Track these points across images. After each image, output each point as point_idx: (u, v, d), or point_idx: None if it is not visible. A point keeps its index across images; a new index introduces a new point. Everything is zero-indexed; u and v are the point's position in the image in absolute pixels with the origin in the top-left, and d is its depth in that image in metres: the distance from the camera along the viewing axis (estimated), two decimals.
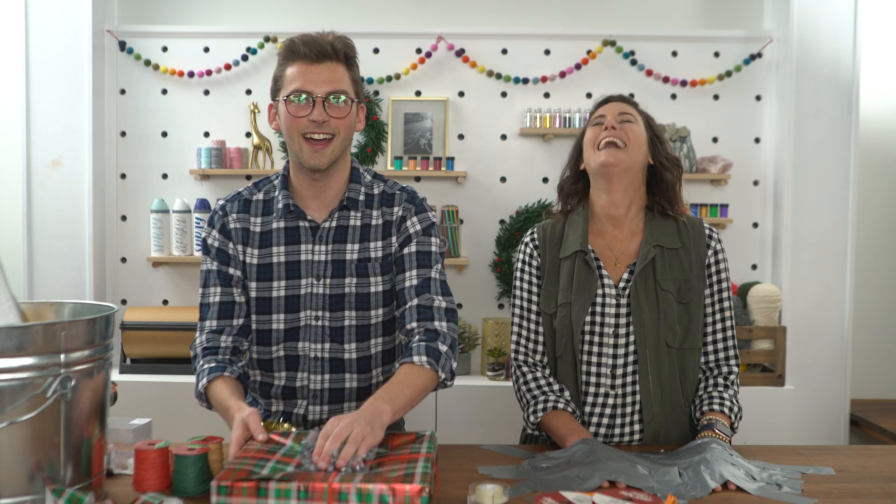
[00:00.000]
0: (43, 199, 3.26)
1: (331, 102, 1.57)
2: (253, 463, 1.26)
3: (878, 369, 3.65)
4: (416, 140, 3.37)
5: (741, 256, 3.44)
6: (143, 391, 3.05)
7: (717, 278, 1.78)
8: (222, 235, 1.68)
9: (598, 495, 1.33)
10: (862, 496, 1.39)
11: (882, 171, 3.63)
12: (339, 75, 1.58)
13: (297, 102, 1.57)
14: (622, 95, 1.85)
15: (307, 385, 1.68)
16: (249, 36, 3.37)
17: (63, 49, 3.24)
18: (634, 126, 1.76)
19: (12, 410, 1.18)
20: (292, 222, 1.66)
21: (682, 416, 1.75)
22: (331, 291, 1.64)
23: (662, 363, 1.71)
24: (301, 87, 1.56)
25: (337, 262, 1.64)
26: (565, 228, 1.82)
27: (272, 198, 1.68)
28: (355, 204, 1.66)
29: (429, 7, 3.57)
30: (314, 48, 1.56)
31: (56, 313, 1.44)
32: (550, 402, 1.71)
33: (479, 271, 3.43)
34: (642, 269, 1.72)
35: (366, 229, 1.66)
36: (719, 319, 1.78)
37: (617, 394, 1.73)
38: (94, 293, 3.28)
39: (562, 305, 1.75)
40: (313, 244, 1.65)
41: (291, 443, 1.38)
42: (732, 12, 3.58)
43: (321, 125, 1.56)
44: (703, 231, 1.79)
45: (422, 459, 1.29)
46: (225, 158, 3.32)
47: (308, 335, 1.66)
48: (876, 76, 3.58)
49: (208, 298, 1.67)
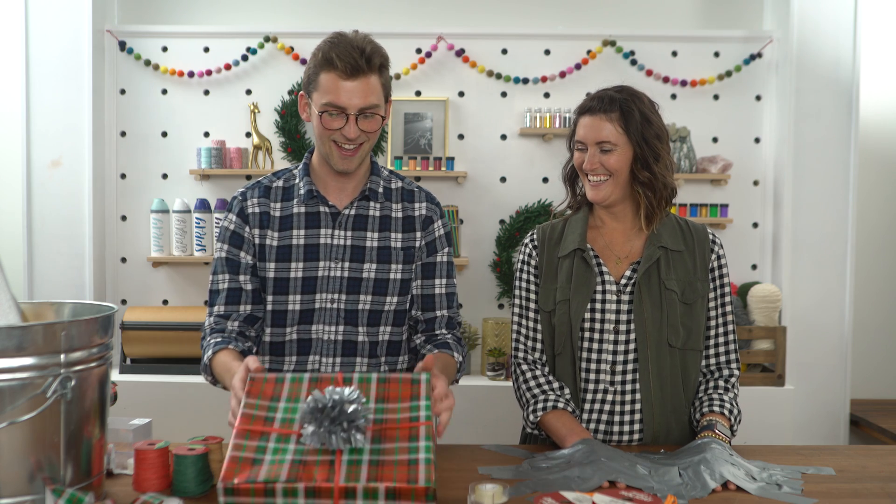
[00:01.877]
0: (43, 199, 3.26)
1: (364, 118, 1.62)
2: (254, 445, 1.25)
3: (878, 369, 3.65)
4: (416, 140, 3.37)
5: (741, 256, 3.44)
6: (143, 391, 3.06)
7: (719, 282, 1.79)
8: (239, 219, 1.72)
9: (598, 495, 1.33)
10: (862, 496, 1.39)
11: (882, 171, 3.63)
12: (371, 87, 1.61)
13: (330, 116, 1.61)
14: (601, 101, 1.73)
15: (318, 369, 1.72)
16: (249, 36, 3.37)
17: (63, 49, 3.24)
18: (612, 157, 1.71)
19: (12, 410, 1.18)
20: (313, 207, 1.71)
21: (682, 416, 1.75)
22: (349, 274, 1.69)
23: (664, 362, 1.72)
24: (334, 101, 1.59)
25: (356, 248, 1.70)
26: (565, 229, 1.82)
27: (292, 185, 1.74)
28: (375, 195, 1.73)
29: (429, 7, 3.57)
30: (349, 63, 1.58)
31: (56, 313, 1.44)
32: (550, 402, 1.71)
33: (479, 271, 3.43)
34: (647, 269, 1.73)
35: (385, 220, 1.73)
36: (721, 323, 1.78)
37: (616, 391, 1.73)
38: (94, 293, 3.28)
39: (560, 302, 1.75)
40: (333, 229, 1.70)
41: (285, 403, 1.33)
42: (732, 12, 3.58)
43: (352, 139, 1.62)
44: (706, 235, 1.80)
45: (423, 432, 1.27)
46: (225, 158, 3.32)
47: (322, 318, 1.70)
48: (876, 76, 3.58)
49: (217, 285, 1.72)
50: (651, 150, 1.72)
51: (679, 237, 1.77)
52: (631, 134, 1.71)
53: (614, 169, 1.72)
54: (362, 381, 1.34)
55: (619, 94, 1.74)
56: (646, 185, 1.73)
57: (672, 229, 1.78)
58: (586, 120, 1.74)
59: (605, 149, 1.72)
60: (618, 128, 1.71)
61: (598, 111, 1.73)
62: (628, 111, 1.72)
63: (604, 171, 1.72)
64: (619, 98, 1.73)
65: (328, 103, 1.60)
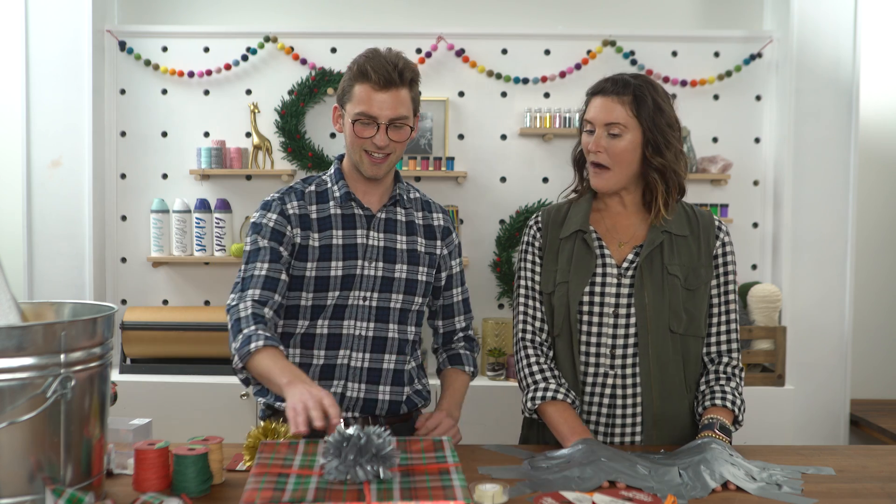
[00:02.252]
0: (43, 199, 3.26)
1: (394, 128, 1.72)
2: (273, 481, 1.19)
3: (878, 369, 3.65)
4: (416, 140, 3.37)
5: (741, 256, 3.44)
6: (143, 391, 3.06)
7: (723, 270, 1.77)
8: (282, 217, 1.76)
9: (598, 495, 1.33)
10: (862, 496, 1.40)
11: (882, 171, 3.63)
12: (402, 100, 1.71)
13: (362, 125, 1.71)
14: (615, 83, 1.72)
15: (347, 363, 1.76)
16: (249, 36, 3.37)
17: (63, 49, 3.24)
18: (620, 142, 1.69)
19: (12, 410, 1.18)
20: (348, 210, 1.80)
21: (682, 402, 1.73)
22: (382, 274, 1.78)
23: (664, 347, 1.70)
24: (367, 111, 1.69)
25: (389, 250, 1.80)
26: (569, 212, 1.82)
27: (325, 189, 1.82)
28: (402, 202, 1.85)
29: (429, 7, 3.57)
30: (382, 76, 1.68)
31: (56, 313, 1.44)
32: (550, 391, 1.70)
33: (479, 271, 3.43)
34: (649, 253, 1.71)
35: (411, 225, 1.85)
36: (724, 311, 1.77)
37: (616, 374, 1.71)
38: (94, 293, 3.28)
39: (560, 284, 1.75)
40: (368, 230, 1.79)
41: (302, 457, 1.30)
42: (732, 12, 3.58)
43: (382, 148, 1.71)
44: (712, 222, 1.78)
45: (453, 469, 1.24)
46: (225, 158, 3.32)
47: (354, 314, 1.76)
48: (876, 76, 3.58)
49: (253, 271, 1.71)
50: (663, 136, 1.69)
51: (685, 222, 1.76)
52: (642, 119, 1.69)
53: (619, 156, 1.69)
54: None
55: (634, 80, 1.72)
56: (658, 170, 1.71)
57: (678, 214, 1.76)
58: (598, 101, 1.72)
59: (613, 132, 1.69)
60: (629, 111, 1.69)
61: (611, 93, 1.71)
62: (641, 96, 1.69)
63: (606, 158, 1.70)
64: (634, 83, 1.71)
65: (361, 113, 1.70)
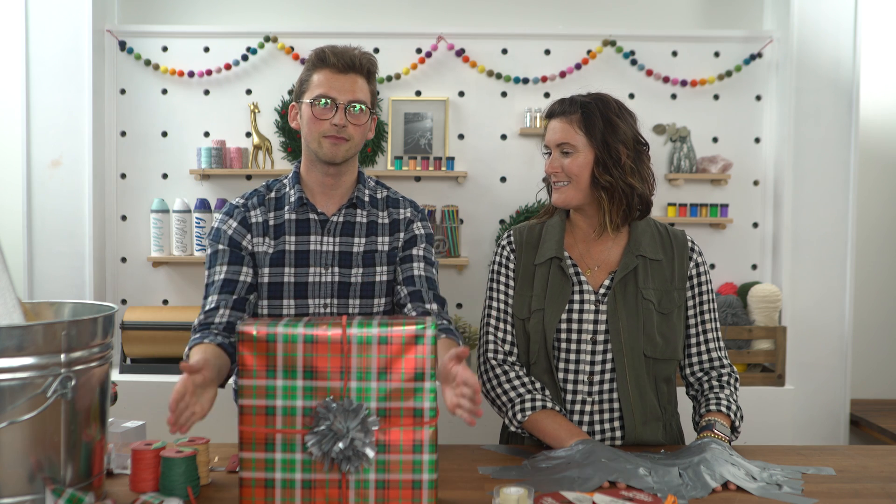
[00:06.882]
0: (43, 198, 3.26)
1: (351, 111, 1.71)
2: (262, 458, 1.27)
3: (878, 369, 3.65)
4: (416, 140, 3.37)
5: (741, 256, 3.44)
6: (143, 391, 3.05)
7: (698, 290, 1.77)
8: (241, 226, 1.77)
9: (598, 495, 1.33)
10: (862, 496, 1.40)
11: (882, 171, 3.63)
12: (360, 87, 1.73)
13: (321, 107, 1.70)
14: (563, 104, 1.75)
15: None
16: (249, 36, 3.37)
17: (63, 49, 3.24)
18: (571, 160, 1.71)
19: (12, 410, 1.18)
20: (303, 215, 1.78)
21: (657, 425, 1.73)
22: (339, 279, 1.76)
23: (640, 371, 1.70)
24: (326, 92, 1.70)
25: (344, 254, 1.77)
26: (542, 234, 1.81)
27: (283, 195, 1.81)
28: (362, 203, 1.80)
29: (429, 7, 3.57)
30: (343, 59, 1.71)
31: (56, 313, 1.44)
32: (538, 402, 1.67)
33: (479, 271, 3.43)
34: (623, 278, 1.71)
35: (372, 226, 1.80)
36: (700, 332, 1.78)
37: (594, 400, 1.71)
38: (94, 293, 3.28)
39: (535, 311, 1.74)
40: (322, 235, 1.77)
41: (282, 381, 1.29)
42: (732, 12, 3.58)
43: (340, 129, 1.71)
44: (685, 244, 1.78)
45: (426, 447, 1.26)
46: (225, 158, 3.32)
47: None
48: (876, 76, 3.58)
49: (213, 277, 1.74)
50: (612, 154, 1.69)
51: (658, 246, 1.76)
52: (592, 137, 1.70)
53: (574, 173, 1.71)
54: (362, 343, 1.26)
55: (584, 98, 1.74)
56: (606, 189, 1.71)
57: (651, 237, 1.76)
58: (551, 124, 1.77)
59: (565, 151, 1.72)
60: (578, 130, 1.71)
61: (559, 114, 1.75)
62: (589, 114, 1.71)
63: (564, 176, 1.73)
64: (582, 101, 1.73)
65: (320, 94, 1.70)
